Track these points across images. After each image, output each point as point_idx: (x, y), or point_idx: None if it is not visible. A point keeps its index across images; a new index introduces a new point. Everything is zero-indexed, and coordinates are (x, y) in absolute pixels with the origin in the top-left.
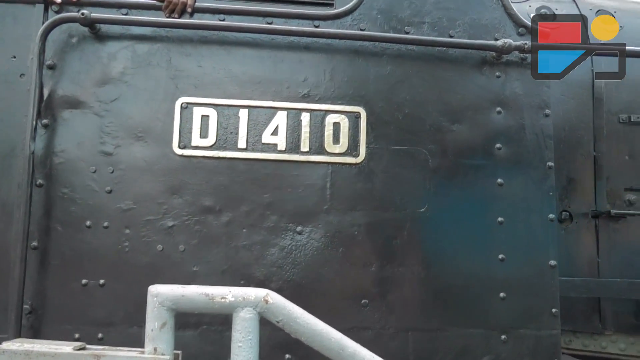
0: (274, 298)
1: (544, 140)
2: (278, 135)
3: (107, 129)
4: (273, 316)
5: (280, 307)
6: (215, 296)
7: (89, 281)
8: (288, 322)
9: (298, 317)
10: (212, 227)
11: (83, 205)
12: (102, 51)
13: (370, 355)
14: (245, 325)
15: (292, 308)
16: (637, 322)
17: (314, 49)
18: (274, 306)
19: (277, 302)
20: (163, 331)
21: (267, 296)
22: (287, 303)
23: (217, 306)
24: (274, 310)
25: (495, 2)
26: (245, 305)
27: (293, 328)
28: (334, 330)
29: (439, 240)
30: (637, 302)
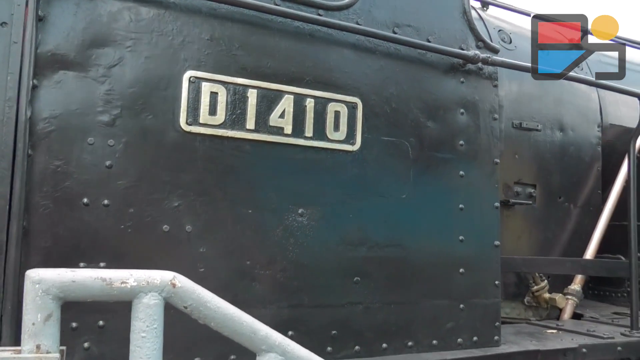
0: (182, 281)
1: (492, 140)
2: (284, 119)
3: (106, 96)
4: (181, 301)
5: (189, 291)
6: (114, 281)
7: (87, 265)
8: (197, 307)
9: (208, 302)
10: (219, 207)
11: (79, 180)
12: (102, 9)
13: (281, 338)
14: (149, 312)
15: (201, 292)
16: (517, 291)
17: (317, 37)
18: (181, 290)
19: (186, 286)
20: (48, 325)
21: (175, 279)
22: (196, 287)
23: (116, 292)
24: (181, 295)
25: (461, 18)
26: (150, 290)
27: (202, 313)
28: (246, 314)
29: (415, 223)
30: (517, 274)
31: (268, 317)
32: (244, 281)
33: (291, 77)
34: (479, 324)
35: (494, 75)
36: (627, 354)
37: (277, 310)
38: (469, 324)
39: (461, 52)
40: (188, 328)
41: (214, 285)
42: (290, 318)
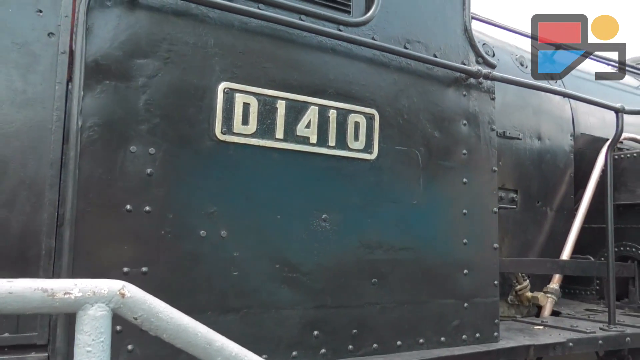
0: (132, 291)
1: (491, 149)
2: (310, 129)
3: (147, 106)
4: (130, 312)
5: (139, 302)
6: (57, 291)
7: (130, 269)
8: (148, 319)
9: (160, 312)
10: (251, 213)
11: (123, 187)
12: (142, 21)
13: (238, 348)
14: (95, 325)
15: (153, 302)
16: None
17: (338, 52)
18: (131, 300)
19: (136, 296)
20: None
21: (124, 289)
22: (147, 296)
23: (59, 304)
24: (131, 306)
25: (463, 35)
26: (96, 301)
27: (154, 324)
28: (201, 324)
29: (425, 227)
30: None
31: (296, 317)
32: (273, 284)
33: (315, 89)
34: (481, 321)
35: (491, 89)
36: (606, 347)
37: (303, 311)
38: (472, 322)
39: (466, 68)
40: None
41: (247, 288)
42: (316, 318)
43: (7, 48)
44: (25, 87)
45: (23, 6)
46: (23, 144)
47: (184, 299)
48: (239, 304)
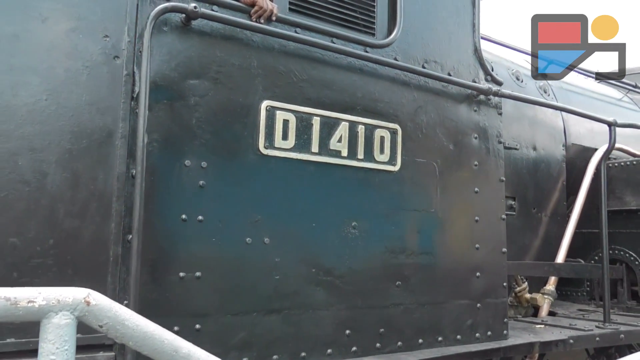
0: (97, 299)
1: (499, 160)
2: (341, 143)
3: (199, 123)
4: (96, 320)
5: (104, 309)
6: (20, 300)
7: (185, 274)
8: (114, 326)
9: (126, 320)
10: (291, 221)
11: (179, 198)
12: (195, 45)
13: (205, 355)
14: (59, 333)
15: (119, 309)
16: None
17: (365, 71)
18: (97, 308)
19: (101, 304)
20: None
21: (89, 297)
22: (113, 304)
23: (22, 312)
24: (96, 313)
25: (473, 55)
26: (61, 309)
27: (120, 332)
28: (167, 331)
29: (442, 234)
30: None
31: (330, 318)
32: (310, 286)
33: (346, 106)
34: (492, 320)
35: (499, 104)
36: (603, 343)
37: (337, 312)
38: (484, 321)
39: (478, 86)
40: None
41: (287, 291)
42: (347, 318)
43: (78, 71)
44: (94, 107)
45: (91, 32)
46: (93, 160)
47: (233, 302)
48: (280, 306)
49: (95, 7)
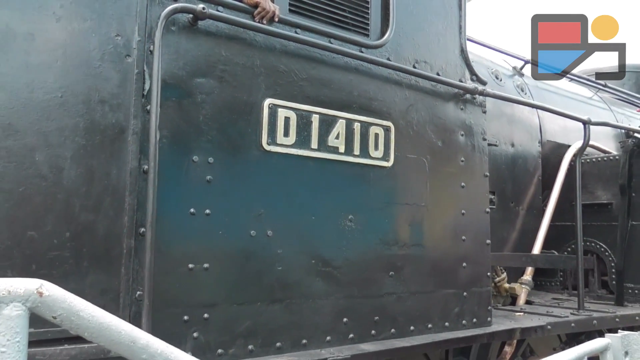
0: (50, 289)
1: (483, 156)
2: (339, 140)
3: (205, 120)
4: (49, 311)
5: (58, 300)
6: None
7: (194, 266)
8: (68, 317)
9: (81, 310)
10: (292, 214)
11: (187, 193)
12: (201, 44)
13: (164, 346)
14: (10, 325)
15: (73, 300)
16: None
17: (360, 71)
18: (50, 299)
19: (55, 295)
20: None
21: (42, 287)
22: (67, 295)
23: None
24: (50, 304)
25: (460, 55)
26: (12, 300)
27: (75, 323)
28: (124, 322)
29: (431, 226)
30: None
31: (329, 306)
32: (310, 277)
33: (343, 104)
34: (477, 308)
35: (483, 103)
36: (577, 329)
37: (335, 301)
38: (470, 308)
39: (465, 85)
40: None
41: (289, 281)
42: (345, 307)
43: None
44: (107, 105)
45: (104, 31)
46: (106, 155)
47: (238, 292)
48: (283, 295)
49: (107, 7)
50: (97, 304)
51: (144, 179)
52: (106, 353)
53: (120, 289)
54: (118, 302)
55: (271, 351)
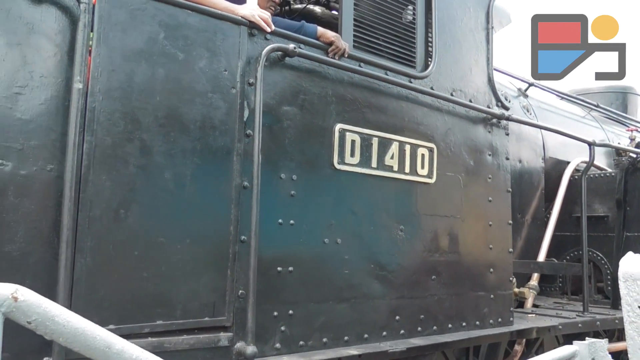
0: (26, 294)
1: (506, 174)
2: (393, 160)
3: (290, 142)
4: (24, 316)
5: (33, 305)
6: None
7: (282, 269)
8: (43, 322)
9: (56, 316)
10: (356, 224)
11: (276, 205)
12: (287, 77)
13: (139, 351)
14: None
15: (48, 305)
16: None
17: (410, 99)
18: (25, 304)
19: (30, 300)
20: None
21: (17, 292)
22: (42, 300)
23: None
24: (25, 310)
25: (487, 84)
26: None
27: (50, 328)
28: (99, 327)
29: (464, 236)
30: None
31: (384, 305)
32: (370, 279)
33: (396, 128)
34: (501, 309)
35: (506, 126)
36: (584, 329)
37: (389, 301)
38: (496, 309)
39: (493, 112)
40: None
41: (353, 283)
42: (397, 306)
43: (208, 99)
44: (217, 130)
45: (217, 67)
46: (218, 173)
47: (315, 292)
48: (349, 295)
49: (217, 46)
50: (209, 301)
51: (244, 194)
52: (216, 342)
53: (226, 288)
54: (224, 299)
55: (340, 344)
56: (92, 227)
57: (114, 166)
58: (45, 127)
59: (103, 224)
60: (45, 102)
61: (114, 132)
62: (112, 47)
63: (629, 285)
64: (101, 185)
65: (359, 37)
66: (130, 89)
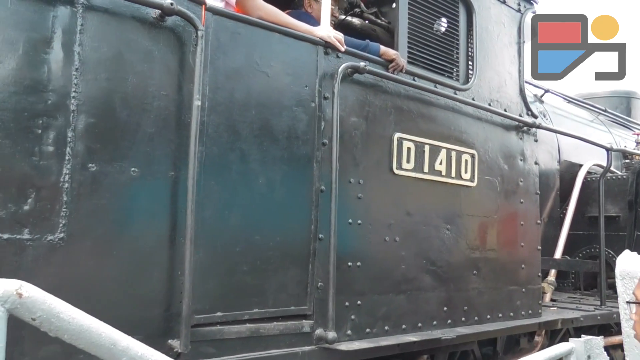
0: (30, 291)
1: (535, 178)
2: (442, 165)
3: (357, 150)
4: (28, 313)
5: (38, 302)
6: None
7: (352, 264)
8: (48, 319)
9: (61, 312)
10: (412, 223)
11: (347, 207)
12: (355, 91)
13: (144, 349)
14: None
15: (53, 302)
16: None
17: (455, 109)
18: (30, 301)
19: (35, 296)
20: None
21: (21, 289)
22: (47, 296)
23: None
24: (29, 306)
25: (519, 94)
26: None
27: (54, 325)
28: (104, 324)
29: (500, 234)
30: None
31: (435, 297)
32: (422, 274)
33: (443, 136)
34: (531, 301)
35: (535, 133)
36: (602, 320)
37: (438, 293)
38: (527, 302)
39: (525, 120)
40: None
41: (409, 277)
42: (445, 298)
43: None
44: (300, 140)
45: (299, 84)
46: (302, 179)
47: (378, 285)
48: (405, 288)
49: (299, 65)
50: (294, 292)
51: (322, 197)
52: (300, 329)
53: (307, 281)
54: (306, 290)
55: (399, 331)
56: (204, 227)
57: (219, 173)
58: (166, 139)
59: (211, 224)
60: (167, 117)
61: (220, 143)
62: (216, 68)
63: (626, 283)
64: (210, 190)
65: (412, 53)
66: (231, 104)
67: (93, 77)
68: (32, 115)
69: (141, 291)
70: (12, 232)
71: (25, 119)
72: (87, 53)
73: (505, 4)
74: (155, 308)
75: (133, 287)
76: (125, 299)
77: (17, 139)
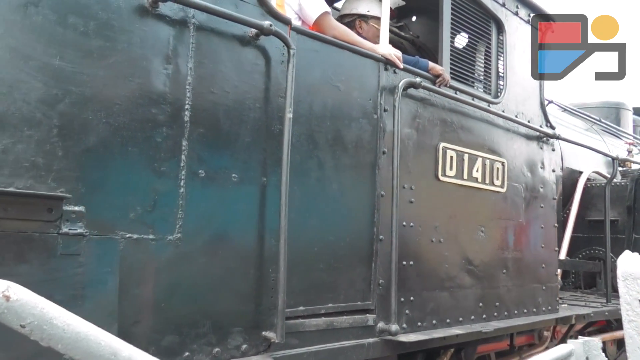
0: (19, 294)
1: (553, 184)
2: (479, 172)
3: (410, 159)
4: (17, 319)
5: (28, 306)
6: None
7: (406, 262)
8: (40, 326)
9: (55, 318)
10: (453, 226)
11: (401, 210)
12: (409, 105)
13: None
14: None
15: (45, 306)
16: None
17: (488, 121)
18: (18, 304)
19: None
20: None
21: (8, 291)
22: (39, 300)
23: None
24: (18, 311)
25: (540, 107)
26: None
27: (47, 333)
28: (104, 332)
29: (526, 236)
30: None
31: (472, 294)
32: (462, 272)
33: (479, 146)
34: (550, 298)
35: (554, 143)
36: (610, 316)
37: (475, 290)
38: (547, 299)
39: (546, 131)
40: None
41: (451, 275)
42: (480, 295)
43: (359, 123)
44: (365, 149)
45: (365, 97)
46: (367, 184)
47: (426, 282)
48: (448, 285)
49: (364, 80)
50: (360, 288)
51: (382, 201)
52: (365, 322)
53: (371, 278)
54: (370, 287)
55: (444, 325)
56: (290, 228)
57: (301, 178)
58: (259, 147)
59: (295, 225)
60: (260, 127)
61: (301, 151)
62: (298, 83)
63: (628, 284)
64: (293, 194)
65: (453, 68)
66: (310, 116)
67: (201, 90)
68: (155, 126)
69: (241, 287)
70: (140, 233)
71: (149, 128)
72: (197, 69)
73: (529, 23)
74: (251, 302)
75: (234, 283)
76: (228, 294)
77: (143, 147)
